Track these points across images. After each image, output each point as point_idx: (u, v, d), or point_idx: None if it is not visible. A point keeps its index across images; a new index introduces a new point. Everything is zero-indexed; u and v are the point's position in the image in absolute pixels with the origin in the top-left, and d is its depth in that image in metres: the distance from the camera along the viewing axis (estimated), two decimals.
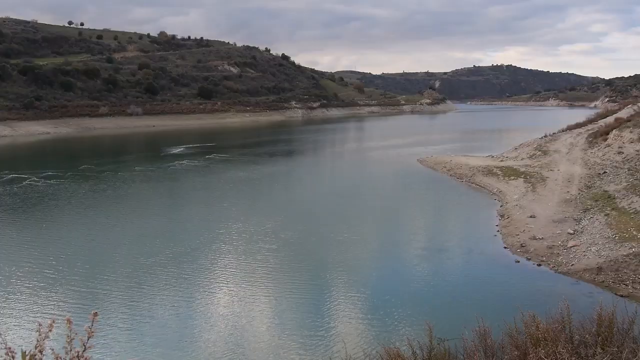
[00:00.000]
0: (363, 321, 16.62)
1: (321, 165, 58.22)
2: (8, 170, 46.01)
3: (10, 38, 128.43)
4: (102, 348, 13.87)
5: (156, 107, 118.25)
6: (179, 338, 15.54)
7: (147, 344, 15.00)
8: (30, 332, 13.50)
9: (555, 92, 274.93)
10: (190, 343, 15.27)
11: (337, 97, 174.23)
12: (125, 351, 14.27)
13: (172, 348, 14.94)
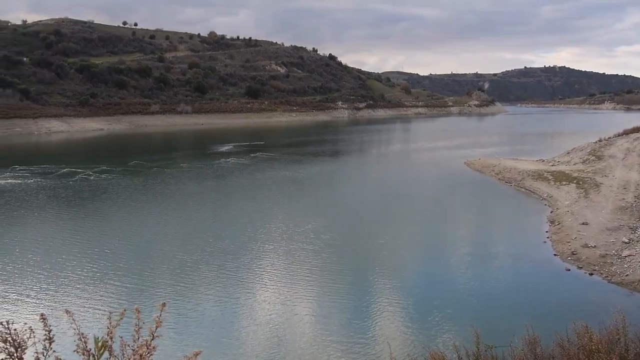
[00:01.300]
0: (407, 324, 16.47)
1: (366, 166, 58.02)
2: (64, 164, 47.86)
3: (68, 38, 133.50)
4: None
5: (205, 106, 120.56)
6: (221, 335, 15.76)
7: (190, 340, 15.27)
8: (93, 319, 14.02)
9: (610, 95, 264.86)
10: (233, 341, 15.44)
11: (384, 98, 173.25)
12: (167, 347, 14.53)
13: (215, 345, 15.17)
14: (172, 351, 13.39)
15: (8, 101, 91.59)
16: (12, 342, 2.47)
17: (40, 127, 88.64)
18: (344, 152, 71.29)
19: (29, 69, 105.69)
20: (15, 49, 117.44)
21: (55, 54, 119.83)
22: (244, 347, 14.97)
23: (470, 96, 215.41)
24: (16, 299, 17.78)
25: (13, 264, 21.17)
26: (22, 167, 46.77)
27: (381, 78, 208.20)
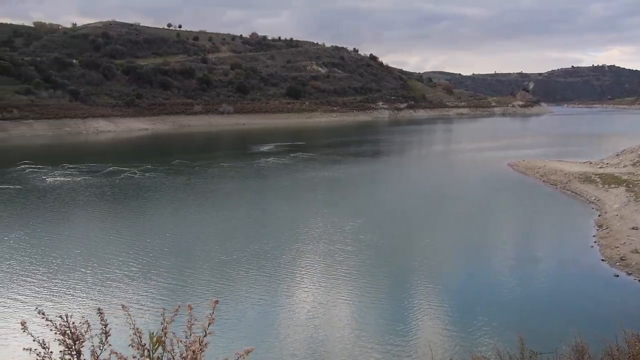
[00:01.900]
0: (449, 327, 16.23)
1: (406, 166, 57.56)
2: (110, 163, 49.27)
3: (115, 40, 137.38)
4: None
5: (246, 106, 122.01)
6: (260, 335, 15.83)
7: (229, 339, 15.40)
8: (147, 315, 14.40)
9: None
10: (272, 341, 15.45)
11: (425, 98, 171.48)
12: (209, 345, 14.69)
13: (254, 345, 15.29)
14: (214, 349, 13.50)
15: (59, 102, 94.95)
16: (71, 334, 2.56)
17: (88, 126, 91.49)
18: (384, 152, 70.92)
19: (78, 70, 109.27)
20: (66, 52, 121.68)
21: (103, 56, 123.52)
22: (283, 348, 14.99)
23: (514, 96, 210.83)
24: (73, 293, 18.35)
25: (68, 259, 21.91)
26: (71, 165, 48.40)
27: (422, 78, 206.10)
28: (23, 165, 47.21)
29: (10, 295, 18.11)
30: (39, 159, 51.82)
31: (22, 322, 2.66)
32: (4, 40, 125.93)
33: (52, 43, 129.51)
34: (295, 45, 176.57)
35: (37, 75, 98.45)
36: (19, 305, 17.21)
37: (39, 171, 45.10)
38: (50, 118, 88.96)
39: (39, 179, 41.61)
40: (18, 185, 38.79)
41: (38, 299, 17.67)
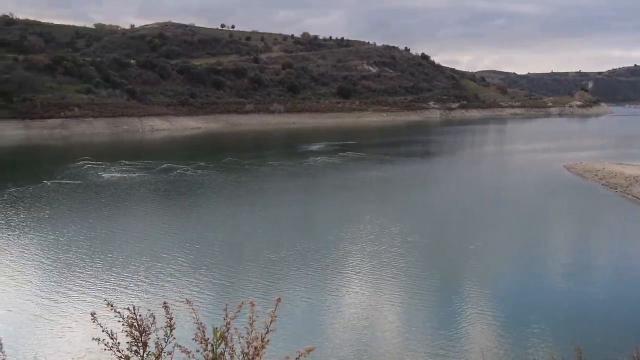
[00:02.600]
0: (502, 335, 15.79)
1: (458, 167, 56.54)
2: (164, 160, 50.64)
3: (171, 41, 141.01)
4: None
5: (297, 105, 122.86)
6: (306, 335, 15.85)
7: (276, 338, 15.49)
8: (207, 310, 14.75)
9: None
10: (318, 341, 15.41)
11: (478, 97, 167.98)
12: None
13: (300, 343, 15.34)
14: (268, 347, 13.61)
15: (117, 101, 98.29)
16: (138, 327, 2.64)
17: (144, 125, 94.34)
18: (435, 153, 69.96)
19: (136, 70, 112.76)
20: (124, 52, 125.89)
21: (159, 57, 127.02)
22: (329, 350, 14.89)
23: (572, 96, 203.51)
24: (139, 286, 18.92)
25: (130, 252, 22.64)
26: (127, 162, 50.04)
27: (475, 77, 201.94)
28: (82, 162, 49.15)
29: (80, 286, 18.78)
30: (97, 155, 53.82)
31: (92, 313, 2.77)
32: (67, 42, 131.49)
33: (111, 44, 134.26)
34: (346, 44, 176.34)
35: (97, 75, 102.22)
36: (88, 296, 17.83)
37: (97, 167, 46.86)
38: (108, 116, 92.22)
39: (97, 175, 43.25)
40: (78, 181, 40.43)
41: (106, 291, 18.27)
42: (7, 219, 28.58)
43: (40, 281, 19.38)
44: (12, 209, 30.73)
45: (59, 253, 22.63)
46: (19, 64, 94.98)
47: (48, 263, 21.41)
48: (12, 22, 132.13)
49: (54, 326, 15.70)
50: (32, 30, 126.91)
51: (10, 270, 20.55)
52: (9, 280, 19.38)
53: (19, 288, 18.65)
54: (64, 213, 30.75)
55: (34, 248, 23.51)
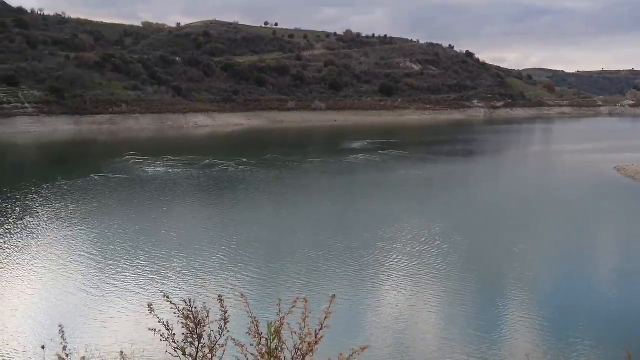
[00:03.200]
0: (547, 339, 15.35)
1: (502, 168, 55.36)
2: (207, 156, 51.46)
3: (216, 38, 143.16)
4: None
5: (339, 103, 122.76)
6: (344, 334, 15.74)
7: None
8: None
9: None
10: (356, 341, 15.35)
11: (524, 96, 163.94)
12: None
13: (337, 345, 15.23)
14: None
15: (162, 97, 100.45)
16: (193, 319, 2.68)
17: (188, 121, 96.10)
18: (478, 152, 68.69)
19: (181, 67, 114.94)
20: (170, 50, 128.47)
21: (204, 54, 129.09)
22: (367, 352, 14.65)
23: (623, 95, 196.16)
24: (190, 279, 19.29)
25: (180, 245, 23.12)
26: (172, 157, 51.08)
27: (522, 75, 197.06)
28: (129, 157, 50.46)
29: (137, 277, 19.26)
30: (143, 150, 55.11)
31: (149, 304, 2.83)
32: (116, 40, 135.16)
33: (158, 42, 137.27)
34: (389, 42, 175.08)
35: (144, 72, 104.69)
36: (142, 288, 18.22)
37: (142, 162, 48.02)
38: (154, 112, 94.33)
39: (142, 170, 44.32)
40: (125, 175, 41.53)
41: (158, 283, 18.60)
42: (57, 211, 29.61)
43: (90, 272, 19.99)
44: (62, 202, 31.82)
45: (108, 245, 23.30)
46: (70, 61, 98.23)
47: (98, 255, 22.07)
48: (64, 21, 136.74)
49: (105, 316, 16.14)
50: (83, 29, 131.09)
51: (61, 260, 21.29)
52: (60, 270, 20.08)
53: (69, 279, 19.29)
54: (111, 206, 31.65)
55: (84, 240, 24.29)
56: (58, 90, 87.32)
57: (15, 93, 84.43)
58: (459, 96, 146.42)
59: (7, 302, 17.14)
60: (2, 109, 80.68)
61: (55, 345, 3.10)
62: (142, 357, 5.25)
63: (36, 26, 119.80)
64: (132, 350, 10.52)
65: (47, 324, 15.21)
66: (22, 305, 16.96)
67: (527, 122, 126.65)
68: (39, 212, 29.29)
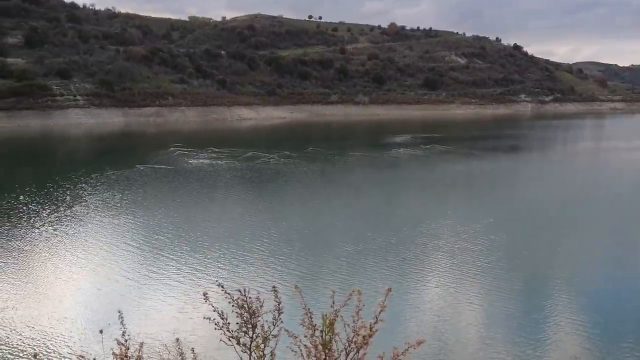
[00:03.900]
0: (594, 343, 14.82)
1: (549, 165, 53.83)
2: (250, 148, 52.02)
3: (260, 32, 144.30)
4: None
5: (382, 97, 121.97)
6: (381, 332, 15.59)
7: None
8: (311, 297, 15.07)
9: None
10: (397, 340, 15.20)
11: (574, 91, 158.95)
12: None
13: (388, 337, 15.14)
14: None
15: (208, 90, 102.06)
16: (248, 309, 2.72)
17: (232, 114, 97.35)
18: (524, 148, 67.00)
19: (226, 61, 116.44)
20: (215, 43, 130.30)
21: (248, 48, 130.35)
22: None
23: None
24: (244, 269, 19.53)
25: (229, 235, 23.49)
26: (215, 149, 51.88)
27: (572, 69, 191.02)
28: (174, 148, 51.52)
29: (188, 267, 19.62)
30: (188, 142, 56.17)
31: (204, 293, 2.88)
32: (163, 34, 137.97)
33: (203, 36, 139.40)
34: (434, 35, 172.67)
35: (190, 66, 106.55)
36: (196, 277, 18.57)
37: (187, 154, 48.95)
38: (199, 105, 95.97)
39: (187, 161, 45.21)
40: (170, 166, 42.45)
41: (213, 273, 18.89)
42: (105, 200, 30.55)
43: (140, 260, 20.50)
44: (110, 191, 32.80)
45: (155, 234, 23.86)
46: (119, 55, 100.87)
47: (146, 243, 22.64)
48: (114, 16, 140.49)
49: (158, 304, 16.52)
50: (132, 24, 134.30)
51: (111, 248, 21.93)
52: (111, 258, 20.68)
53: (120, 266, 19.85)
54: (156, 196, 32.43)
55: (131, 228, 24.96)
56: (108, 83, 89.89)
57: (68, 86, 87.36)
58: (505, 90, 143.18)
59: (63, 288, 17.80)
60: (56, 101, 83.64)
61: (112, 331, 3.21)
62: (197, 345, 5.35)
63: (88, 21, 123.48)
64: (186, 337, 10.76)
65: (103, 310, 15.70)
66: (78, 291, 17.56)
67: (576, 118, 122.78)
68: (88, 201, 30.28)
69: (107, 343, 3.88)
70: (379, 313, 2.61)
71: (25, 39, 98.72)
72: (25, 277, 18.44)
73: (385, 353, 2.66)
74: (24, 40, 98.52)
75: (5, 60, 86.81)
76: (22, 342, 13.67)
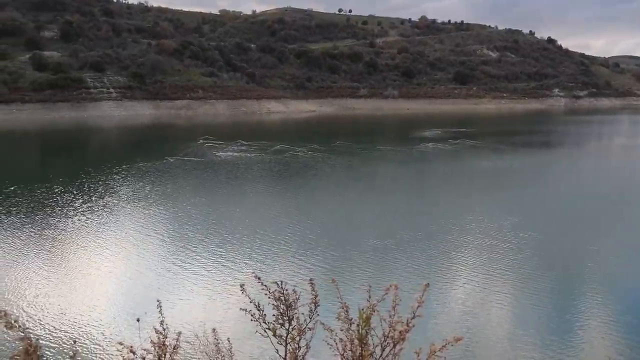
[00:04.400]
0: (630, 346, 14.52)
1: (582, 161, 52.63)
2: (278, 142, 52.24)
3: (290, 25, 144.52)
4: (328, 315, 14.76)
5: (411, 91, 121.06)
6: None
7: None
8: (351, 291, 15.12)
9: None
10: (427, 338, 15.11)
11: (610, 85, 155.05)
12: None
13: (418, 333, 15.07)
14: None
15: (237, 83, 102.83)
16: (284, 301, 2.74)
17: (261, 107, 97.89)
18: (557, 144, 65.66)
19: (255, 54, 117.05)
20: (245, 37, 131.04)
21: (278, 41, 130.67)
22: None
23: None
24: (279, 261, 19.60)
25: (262, 227, 23.62)
26: (244, 142, 52.26)
27: (608, 63, 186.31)
28: (203, 141, 52.09)
29: (226, 258, 19.78)
30: (217, 135, 56.68)
31: (241, 285, 2.91)
32: (194, 28, 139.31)
33: (234, 29, 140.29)
34: (465, 28, 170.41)
35: (220, 59, 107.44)
36: (230, 268, 18.75)
37: (216, 146, 49.43)
38: (229, 98, 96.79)
39: (216, 154, 45.66)
40: (199, 158, 42.94)
41: (246, 264, 18.97)
42: (135, 191, 31.09)
43: (172, 251, 20.75)
44: (139, 182, 33.37)
45: (185, 225, 24.14)
46: (151, 48, 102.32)
47: (176, 234, 22.94)
48: (147, 10, 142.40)
49: (191, 295, 16.74)
50: (164, 17, 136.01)
51: (141, 238, 22.29)
52: (144, 248, 21.03)
53: (153, 257, 20.17)
54: (186, 188, 32.83)
55: (161, 219, 25.34)
56: (140, 76, 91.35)
57: (101, 79, 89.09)
58: (538, 85, 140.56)
59: (97, 277, 18.18)
60: (90, 94, 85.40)
61: (148, 320, 3.28)
62: (232, 335, 5.40)
63: (121, 15, 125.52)
64: (221, 328, 10.89)
65: (138, 300, 15.98)
66: (112, 280, 17.89)
67: (612, 113, 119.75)
68: (119, 191, 30.87)
69: (144, 332, 3.96)
70: (416, 308, 2.58)
71: (60, 32, 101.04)
72: (59, 265, 18.91)
73: (422, 349, 2.64)
74: (59, 34, 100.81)
75: (42, 53, 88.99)
76: (61, 329, 14.02)
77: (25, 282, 17.18)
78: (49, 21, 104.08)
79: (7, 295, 16.13)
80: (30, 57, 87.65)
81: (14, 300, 15.70)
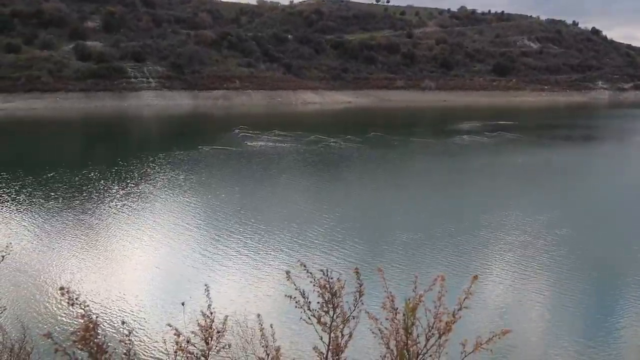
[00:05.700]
0: None
1: (624, 157, 50.93)
2: (313, 132, 52.29)
3: (327, 16, 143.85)
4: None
5: (449, 83, 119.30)
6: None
7: None
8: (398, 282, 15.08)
9: None
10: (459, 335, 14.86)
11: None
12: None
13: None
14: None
15: (274, 74, 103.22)
16: (329, 289, 2.77)
17: (297, 98, 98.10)
18: (600, 138, 63.79)
19: (292, 45, 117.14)
20: (283, 28, 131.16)
21: (315, 32, 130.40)
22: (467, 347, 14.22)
23: None
24: (329, 250, 19.72)
25: (306, 216, 23.83)
26: (280, 132, 52.54)
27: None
28: (239, 130, 52.58)
29: (267, 245, 20.04)
30: (253, 125, 57.12)
31: (287, 272, 2.95)
32: (232, 18, 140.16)
33: (271, 20, 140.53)
34: (506, 18, 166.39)
35: (257, 50, 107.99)
36: (278, 255, 18.98)
37: (252, 136, 49.86)
38: (265, 89, 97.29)
39: (251, 143, 46.08)
40: (235, 148, 43.43)
41: (293, 252, 19.17)
42: (170, 179, 31.70)
43: (211, 238, 21.07)
44: (176, 170, 33.97)
45: (224, 213, 24.47)
46: (190, 39, 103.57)
47: (217, 222, 23.26)
48: (187, 1, 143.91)
49: (235, 281, 16.96)
50: (203, 8, 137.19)
51: (181, 225, 22.73)
52: (183, 233, 21.45)
53: (194, 243, 20.53)
54: (223, 177, 33.43)
55: (199, 207, 25.77)
56: (178, 67, 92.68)
57: (141, 68, 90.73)
58: (581, 77, 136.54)
59: (139, 261, 18.64)
60: (130, 83, 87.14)
61: (193, 304, 3.38)
62: (276, 321, 5.48)
63: (161, 5, 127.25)
64: (265, 313, 11.02)
65: (181, 284, 16.34)
66: (154, 265, 18.33)
67: None
68: (156, 179, 31.57)
69: (187, 315, 4.05)
70: (463, 300, 2.57)
71: (103, 23, 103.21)
72: (99, 251, 19.45)
73: (467, 340, 2.63)
74: (102, 25, 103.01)
75: (84, 43, 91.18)
76: (113, 309, 14.47)
77: (77, 266, 17.78)
78: (92, 12, 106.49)
79: (64, 276, 16.70)
80: (73, 47, 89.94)
81: (71, 280, 16.23)
